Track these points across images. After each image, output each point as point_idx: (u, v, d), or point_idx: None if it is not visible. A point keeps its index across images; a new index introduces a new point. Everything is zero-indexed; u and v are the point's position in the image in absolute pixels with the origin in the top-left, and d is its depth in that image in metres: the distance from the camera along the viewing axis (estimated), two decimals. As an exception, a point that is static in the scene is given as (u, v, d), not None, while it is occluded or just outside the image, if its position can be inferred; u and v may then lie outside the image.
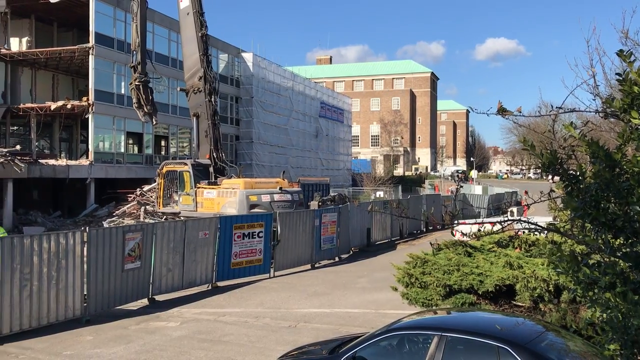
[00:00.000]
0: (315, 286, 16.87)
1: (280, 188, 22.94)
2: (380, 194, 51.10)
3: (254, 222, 17.93)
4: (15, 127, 39.22)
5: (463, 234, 5.82)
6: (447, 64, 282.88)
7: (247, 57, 49.91)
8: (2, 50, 35.08)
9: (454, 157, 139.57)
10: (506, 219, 5.12)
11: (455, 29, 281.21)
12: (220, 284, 16.67)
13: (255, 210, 21.35)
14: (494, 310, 9.44)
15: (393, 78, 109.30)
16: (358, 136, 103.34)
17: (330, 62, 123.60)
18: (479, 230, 5.56)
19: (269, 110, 52.14)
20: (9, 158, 27.93)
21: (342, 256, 22.59)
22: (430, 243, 11.26)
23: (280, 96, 54.40)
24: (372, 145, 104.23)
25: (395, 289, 10.98)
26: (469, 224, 6.37)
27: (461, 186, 46.67)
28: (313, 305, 14.40)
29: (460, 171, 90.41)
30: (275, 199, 22.35)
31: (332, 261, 21.65)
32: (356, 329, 11.53)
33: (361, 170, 68.32)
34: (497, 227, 5.13)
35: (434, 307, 10.10)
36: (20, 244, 11.59)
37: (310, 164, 60.10)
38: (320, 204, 26.58)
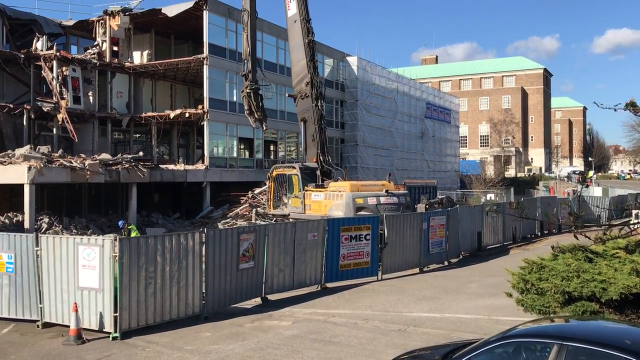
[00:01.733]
0: (424, 290, 16.66)
1: (387, 191, 22.85)
2: (491, 196, 49.41)
3: (361, 225, 18.02)
4: (138, 135, 42.12)
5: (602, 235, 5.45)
6: (561, 58, 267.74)
7: (352, 60, 50.26)
8: (126, 64, 37.87)
9: (570, 157, 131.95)
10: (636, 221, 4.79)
11: (571, 21, 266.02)
12: (329, 285, 16.91)
13: (362, 212, 21.42)
14: (619, 320, 8.85)
15: (503, 76, 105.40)
16: (466, 136, 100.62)
17: (436, 62, 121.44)
18: (604, 234, 5.25)
19: (373, 112, 52.16)
20: (133, 164, 30.02)
21: (452, 260, 22.11)
22: (552, 247, 10.75)
23: (385, 98, 54.23)
24: (481, 146, 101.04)
25: (510, 295, 10.60)
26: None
27: (587, 185, 43.84)
28: (422, 309, 14.22)
29: (577, 172, 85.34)
30: (382, 202, 22.30)
31: (440, 265, 21.26)
32: (468, 334, 11.25)
33: (470, 172, 66.38)
34: (622, 230, 4.81)
35: (551, 315, 9.64)
36: (146, 244, 12.43)
37: (416, 166, 59.33)
38: (427, 206, 26.22)
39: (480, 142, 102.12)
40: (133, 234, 20.20)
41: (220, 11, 36.35)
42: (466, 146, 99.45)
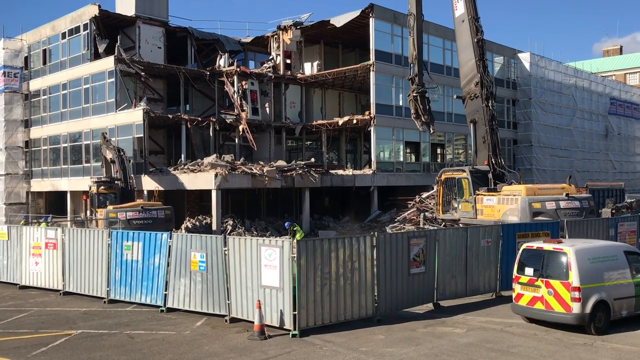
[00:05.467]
0: (612, 302, 15.21)
1: (567, 194, 21.31)
2: (690, 199, 43.64)
3: (539, 231, 17.06)
4: (309, 142, 44.05)
5: None
6: None
7: (524, 57, 47.72)
8: (298, 75, 39.88)
9: None
10: None
11: None
12: (505, 293, 16.18)
13: (539, 218, 20.22)
14: None
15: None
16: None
17: (620, 53, 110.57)
18: None
19: (549, 111, 48.97)
20: (306, 170, 31.49)
21: (645, 270, 19.92)
22: None
23: (562, 95, 50.63)
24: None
25: None
26: None
27: None
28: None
29: None
30: (562, 206, 20.84)
31: (631, 275, 19.27)
32: (669, 354, 10.09)
33: (664, 173, 59.37)
34: None
35: None
36: (321, 246, 12.96)
37: (599, 167, 54.50)
38: (613, 211, 24.05)
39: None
40: (297, 235, 21.21)
41: (386, 17, 36.72)
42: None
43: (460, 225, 22.57)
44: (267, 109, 38.05)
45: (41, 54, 39.51)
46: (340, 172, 35.00)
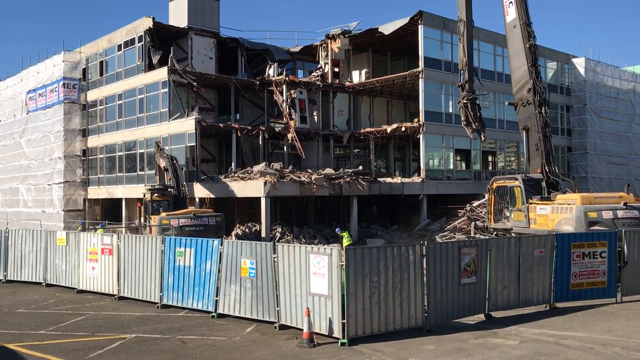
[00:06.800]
0: (675, 317, 14.58)
1: (625, 203, 20.59)
2: None
3: (595, 241, 16.48)
4: (357, 150, 44.04)
5: None
6: None
7: (579, 62, 46.43)
8: (346, 83, 40.00)
9: None
10: None
11: None
12: (559, 305, 15.76)
13: (596, 227, 19.62)
14: None
15: None
16: None
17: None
18: None
19: (605, 117, 47.44)
20: (354, 177, 31.48)
21: None
22: None
23: (619, 101, 48.97)
24: None
25: None
26: None
27: None
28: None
29: None
30: (619, 216, 20.16)
31: (696, 289, 18.39)
32: None
33: None
34: None
35: None
36: (370, 254, 12.91)
37: (660, 176, 52.38)
38: (677, 221, 22.97)
39: None
40: (344, 241, 21.25)
41: (435, 24, 36.44)
42: None
43: (513, 234, 22.11)
44: (316, 117, 38.29)
45: (98, 65, 40.98)
46: (388, 180, 34.82)
